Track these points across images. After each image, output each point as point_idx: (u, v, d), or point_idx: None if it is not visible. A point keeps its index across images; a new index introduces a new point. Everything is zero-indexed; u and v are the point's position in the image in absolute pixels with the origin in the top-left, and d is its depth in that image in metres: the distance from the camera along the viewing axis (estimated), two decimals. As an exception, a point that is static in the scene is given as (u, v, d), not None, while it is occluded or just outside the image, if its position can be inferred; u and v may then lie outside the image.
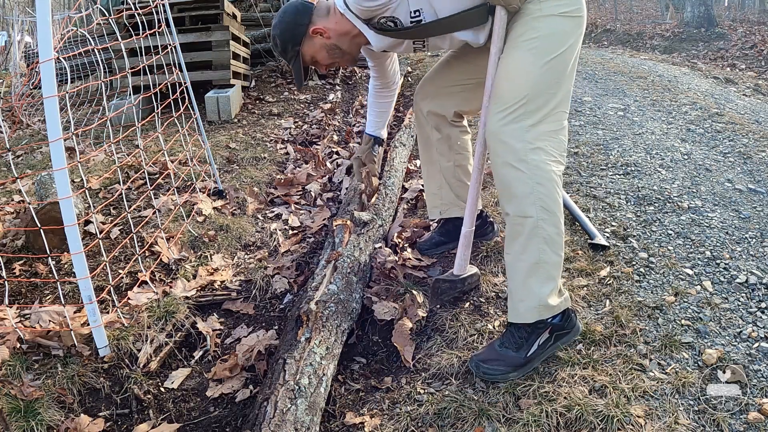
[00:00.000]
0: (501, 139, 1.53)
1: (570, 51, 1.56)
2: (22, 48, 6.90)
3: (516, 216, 1.54)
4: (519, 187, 1.51)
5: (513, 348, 1.60)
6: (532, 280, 1.55)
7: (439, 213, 2.21)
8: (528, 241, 1.53)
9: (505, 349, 1.61)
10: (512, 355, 1.60)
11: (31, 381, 1.65)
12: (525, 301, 1.57)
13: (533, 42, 1.53)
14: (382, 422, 1.55)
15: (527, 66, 1.53)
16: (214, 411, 1.74)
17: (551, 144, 1.54)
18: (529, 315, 1.58)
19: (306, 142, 4.20)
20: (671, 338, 1.72)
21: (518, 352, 1.60)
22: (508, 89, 1.55)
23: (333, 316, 1.81)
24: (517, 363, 1.60)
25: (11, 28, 8.37)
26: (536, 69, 1.52)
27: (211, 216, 2.75)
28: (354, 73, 6.54)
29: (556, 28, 1.54)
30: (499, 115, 1.54)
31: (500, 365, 1.60)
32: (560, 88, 1.55)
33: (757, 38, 9.78)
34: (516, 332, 1.62)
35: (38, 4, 1.55)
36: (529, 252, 1.54)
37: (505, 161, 1.52)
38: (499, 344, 1.63)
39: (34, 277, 2.24)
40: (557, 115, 1.57)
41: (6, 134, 4.35)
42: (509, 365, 1.60)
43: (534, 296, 1.55)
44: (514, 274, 1.59)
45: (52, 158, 1.62)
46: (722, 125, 3.82)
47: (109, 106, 4.37)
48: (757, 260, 2.13)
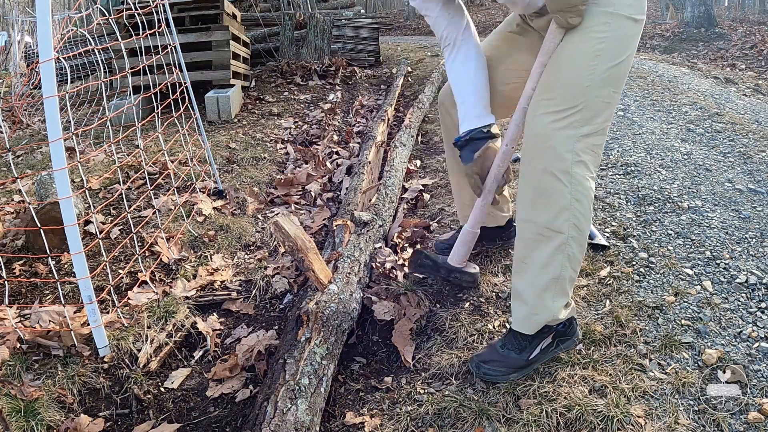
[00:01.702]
0: (549, 144, 1.41)
1: (630, 59, 1.45)
2: (22, 48, 6.90)
3: (544, 227, 1.46)
4: (557, 200, 1.42)
5: (515, 350, 1.59)
6: (548, 294, 1.51)
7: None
8: (552, 256, 1.47)
9: (507, 351, 1.60)
10: (514, 357, 1.59)
11: (31, 381, 1.65)
12: (538, 315, 1.54)
13: (601, 43, 1.39)
14: (382, 422, 1.55)
15: (589, 69, 1.40)
16: (214, 411, 1.74)
17: (592, 159, 1.45)
18: (536, 327, 1.56)
19: (306, 142, 4.20)
20: (671, 338, 1.72)
21: (520, 354, 1.59)
22: (565, 89, 1.42)
23: (333, 315, 1.81)
24: (518, 365, 1.59)
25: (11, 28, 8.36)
26: (598, 74, 1.40)
27: (211, 216, 2.75)
28: (354, 73, 6.54)
29: (623, 32, 1.41)
30: (552, 116, 1.41)
31: (501, 366, 1.59)
32: (614, 99, 1.45)
33: (757, 38, 9.78)
34: (520, 336, 1.60)
35: (38, 4, 1.55)
36: (552, 267, 1.48)
37: (546, 168, 1.42)
38: (501, 345, 1.62)
39: (34, 277, 2.24)
40: (605, 129, 1.46)
41: (6, 134, 4.35)
42: (510, 367, 1.59)
43: (548, 311, 1.53)
44: (529, 286, 1.53)
45: (52, 158, 1.62)
46: (722, 125, 3.82)
47: (109, 106, 4.37)
48: (757, 260, 2.13)
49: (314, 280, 1.90)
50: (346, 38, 7.40)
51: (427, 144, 4.03)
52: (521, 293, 1.56)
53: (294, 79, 5.99)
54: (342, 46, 7.30)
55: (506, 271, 2.11)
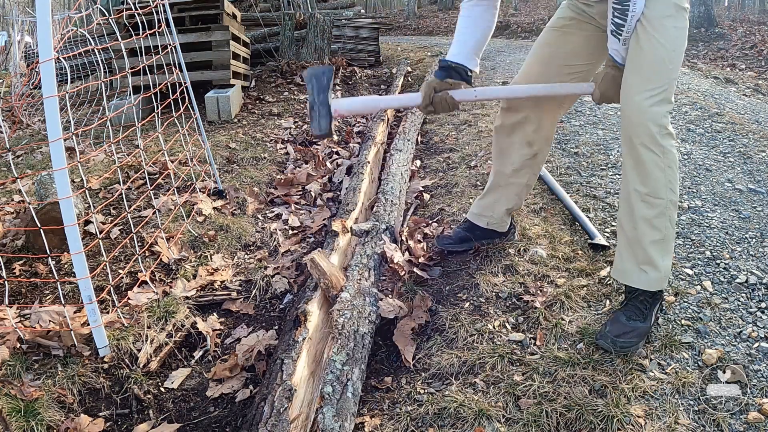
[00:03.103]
0: (644, 120, 1.60)
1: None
2: (22, 48, 6.90)
3: (648, 195, 1.65)
4: (655, 171, 1.63)
5: (640, 318, 1.70)
6: (658, 254, 1.68)
7: (486, 224, 2.20)
8: (657, 219, 1.66)
9: (633, 322, 1.69)
10: (641, 326, 1.69)
11: (31, 381, 1.65)
12: (654, 271, 1.69)
13: (680, 31, 1.62)
14: (382, 422, 1.55)
15: (675, 51, 1.61)
16: (214, 411, 1.74)
17: (673, 129, 1.66)
18: (656, 284, 1.70)
19: (306, 142, 4.20)
20: (671, 338, 1.72)
21: (645, 322, 1.70)
22: (659, 70, 1.61)
23: (348, 322, 1.80)
24: (645, 332, 1.70)
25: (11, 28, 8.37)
26: (677, 57, 1.62)
27: (211, 216, 2.75)
28: (354, 73, 6.54)
29: (685, 23, 1.64)
30: (648, 93, 1.60)
31: (634, 336, 1.67)
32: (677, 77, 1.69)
33: (757, 38, 9.77)
34: (640, 304, 1.72)
35: (38, 4, 1.54)
36: (658, 229, 1.66)
37: (643, 142, 1.61)
38: (626, 318, 1.70)
39: (34, 277, 2.24)
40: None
41: (6, 134, 4.35)
42: (640, 335, 1.68)
43: (662, 268, 1.69)
44: (639, 247, 1.69)
45: (52, 158, 1.62)
46: (722, 125, 3.82)
47: (109, 106, 4.37)
48: (757, 260, 2.13)
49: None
50: (346, 38, 7.40)
51: (427, 144, 4.03)
52: (629, 251, 1.73)
53: (294, 79, 5.99)
54: (342, 46, 7.29)
55: (506, 271, 2.11)
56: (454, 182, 3.09)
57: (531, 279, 2.05)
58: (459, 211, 2.67)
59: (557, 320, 1.82)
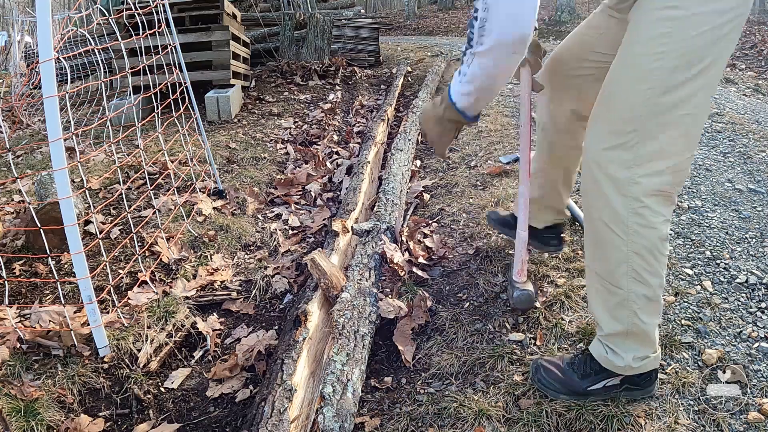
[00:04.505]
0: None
1: None
2: (22, 48, 6.90)
3: (606, 281, 1.41)
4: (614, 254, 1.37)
5: (579, 374, 1.50)
6: (621, 346, 1.43)
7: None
8: (617, 310, 1.40)
9: (571, 371, 1.52)
10: (575, 381, 1.50)
11: (31, 381, 1.65)
12: (617, 358, 1.44)
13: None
14: (382, 422, 1.55)
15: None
16: (214, 411, 1.74)
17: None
18: (608, 366, 1.46)
19: (306, 142, 4.20)
20: (671, 338, 1.72)
21: (582, 381, 1.50)
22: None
23: (349, 322, 1.80)
24: (574, 390, 1.51)
25: (11, 28, 8.37)
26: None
27: (211, 216, 2.75)
28: (354, 73, 6.54)
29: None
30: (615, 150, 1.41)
31: (557, 382, 1.52)
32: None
33: (757, 38, 9.78)
34: (590, 362, 1.50)
35: (38, 4, 1.54)
36: (617, 320, 1.40)
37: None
38: (569, 362, 1.54)
39: (34, 277, 2.24)
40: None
41: (6, 134, 4.35)
42: (566, 387, 1.51)
43: (625, 359, 1.43)
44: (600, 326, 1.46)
45: (52, 158, 1.62)
46: (722, 125, 3.82)
47: (109, 106, 4.37)
48: (757, 260, 2.13)
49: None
50: (346, 38, 7.40)
51: (428, 144, 4.03)
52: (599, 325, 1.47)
53: (294, 79, 5.99)
54: (342, 46, 7.29)
55: (506, 271, 2.11)
56: (454, 182, 3.09)
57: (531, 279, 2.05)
58: (459, 211, 2.67)
59: (557, 320, 1.82)
